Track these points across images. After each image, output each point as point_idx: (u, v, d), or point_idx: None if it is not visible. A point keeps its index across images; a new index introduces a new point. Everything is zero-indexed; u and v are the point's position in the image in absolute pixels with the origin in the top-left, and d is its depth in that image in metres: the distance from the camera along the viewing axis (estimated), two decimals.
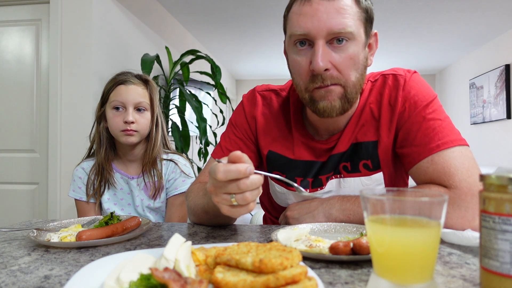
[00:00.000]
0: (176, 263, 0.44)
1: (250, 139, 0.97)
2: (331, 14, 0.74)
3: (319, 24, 0.74)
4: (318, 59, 0.74)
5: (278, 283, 0.39)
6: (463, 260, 0.58)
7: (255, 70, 6.42)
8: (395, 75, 0.87)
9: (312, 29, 0.75)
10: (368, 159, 0.86)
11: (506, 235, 0.40)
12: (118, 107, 1.17)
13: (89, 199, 1.21)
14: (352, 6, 0.76)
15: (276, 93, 0.98)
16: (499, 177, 0.41)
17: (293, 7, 0.79)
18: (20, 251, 0.68)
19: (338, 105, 0.78)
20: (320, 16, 0.74)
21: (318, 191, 0.90)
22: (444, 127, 0.79)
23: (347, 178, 0.88)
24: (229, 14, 3.74)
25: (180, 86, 2.85)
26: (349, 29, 0.75)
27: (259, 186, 0.59)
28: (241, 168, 0.56)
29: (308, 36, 0.76)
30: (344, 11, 0.75)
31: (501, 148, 4.42)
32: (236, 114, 1.00)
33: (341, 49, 0.76)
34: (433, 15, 3.74)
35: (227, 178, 0.57)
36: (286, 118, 0.94)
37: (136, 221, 0.84)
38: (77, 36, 2.34)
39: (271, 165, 0.95)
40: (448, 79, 6.07)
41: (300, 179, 0.91)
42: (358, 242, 0.56)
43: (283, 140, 0.93)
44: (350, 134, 0.87)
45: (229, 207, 0.60)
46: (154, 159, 1.21)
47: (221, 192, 0.59)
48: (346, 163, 0.88)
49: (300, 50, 0.79)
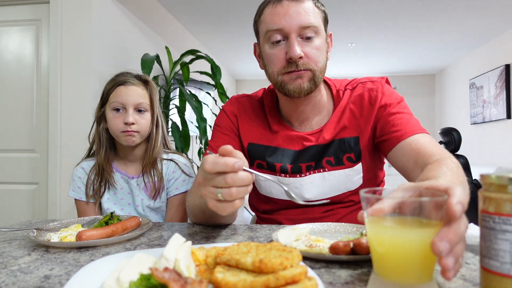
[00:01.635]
0: (176, 263, 0.44)
1: (235, 134, 1.07)
2: (300, 13, 0.89)
3: (291, 21, 0.89)
4: (295, 48, 0.88)
5: (278, 283, 0.39)
6: (463, 260, 0.58)
7: (255, 70, 6.42)
8: (373, 81, 1.03)
9: (286, 25, 0.89)
10: (352, 152, 0.98)
11: (506, 235, 0.40)
12: (118, 108, 1.17)
13: (89, 199, 1.21)
14: (314, 8, 0.92)
15: (251, 97, 1.12)
16: (499, 177, 0.41)
17: (266, 10, 0.93)
18: (20, 251, 0.68)
19: (306, 86, 0.92)
20: (291, 14, 0.89)
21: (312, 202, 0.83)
22: (414, 119, 0.96)
23: (331, 171, 0.99)
24: (229, 14, 3.74)
25: (180, 86, 2.85)
26: (315, 24, 0.90)
27: (247, 183, 0.58)
28: (229, 161, 0.56)
29: (283, 31, 0.90)
30: (309, 11, 0.90)
31: (501, 148, 4.42)
32: (218, 117, 1.12)
33: (310, 42, 0.91)
34: (433, 15, 3.74)
35: (214, 170, 0.56)
36: (262, 114, 1.07)
37: (136, 221, 0.84)
38: (77, 36, 2.34)
39: (252, 156, 1.04)
40: (448, 79, 6.07)
41: (279, 165, 1.00)
42: (358, 242, 0.56)
43: (262, 132, 1.04)
44: (331, 131, 1.00)
45: (215, 201, 0.59)
46: (154, 159, 1.21)
47: (209, 184, 0.59)
48: (330, 157, 0.99)
49: (275, 46, 0.92)
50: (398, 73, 6.56)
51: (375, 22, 3.99)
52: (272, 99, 1.08)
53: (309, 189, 0.99)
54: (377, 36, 4.49)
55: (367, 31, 4.29)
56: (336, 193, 0.99)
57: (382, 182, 1.10)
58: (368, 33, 4.35)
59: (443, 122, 6.28)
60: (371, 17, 3.82)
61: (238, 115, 1.08)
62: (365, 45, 4.88)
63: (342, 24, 4.03)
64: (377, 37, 4.51)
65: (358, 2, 3.43)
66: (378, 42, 4.75)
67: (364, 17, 3.83)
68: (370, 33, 4.35)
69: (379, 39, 4.59)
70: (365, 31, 4.27)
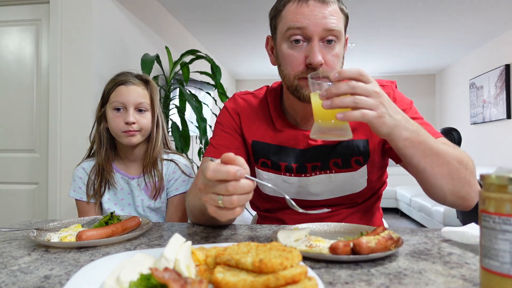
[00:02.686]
0: (176, 263, 0.44)
1: (237, 132, 1.05)
2: (325, 15, 0.86)
3: (316, 23, 0.85)
4: (316, 54, 0.85)
5: (278, 283, 0.39)
6: (463, 260, 0.58)
7: (255, 70, 6.42)
8: (383, 85, 1.00)
9: (310, 25, 0.85)
10: (360, 155, 0.97)
11: (506, 235, 0.40)
12: (118, 108, 1.17)
13: (90, 200, 1.21)
14: (339, 12, 0.90)
15: (254, 95, 1.10)
16: (499, 177, 0.41)
17: (289, 7, 0.89)
18: (20, 251, 0.68)
19: None
20: (316, 15, 0.86)
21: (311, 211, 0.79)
22: (427, 124, 0.94)
23: (338, 173, 0.97)
24: (229, 14, 3.74)
25: (180, 86, 2.85)
26: (338, 28, 0.87)
27: (248, 191, 0.57)
28: (231, 170, 0.55)
29: (305, 31, 0.86)
30: (334, 15, 0.88)
31: (501, 148, 4.42)
32: (220, 115, 1.10)
33: (330, 48, 0.88)
34: (433, 15, 3.74)
35: (215, 178, 0.56)
36: (266, 112, 1.05)
37: (136, 221, 0.84)
38: (77, 36, 2.34)
39: (256, 154, 1.03)
40: (448, 79, 6.07)
41: (284, 164, 0.99)
42: (358, 242, 0.56)
43: (266, 130, 1.02)
44: None
45: (215, 208, 0.59)
46: (154, 159, 1.21)
47: (210, 191, 0.58)
48: (337, 159, 0.97)
49: (295, 46, 0.89)
50: (398, 73, 6.56)
51: (375, 22, 3.99)
52: (276, 97, 1.06)
53: (314, 188, 0.99)
54: (377, 36, 4.49)
55: (367, 31, 4.29)
56: (340, 194, 0.99)
57: (385, 184, 1.09)
58: (368, 33, 4.35)
59: (443, 122, 6.28)
60: (371, 17, 3.82)
61: (240, 113, 1.06)
62: (365, 45, 4.87)
63: None
64: (377, 37, 4.51)
65: (358, 2, 3.43)
66: (378, 42, 4.74)
67: (364, 17, 3.83)
68: (370, 33, 4.35)
69: (379, 39, 4.59)
70: (365, 31, 4.27)
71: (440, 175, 0.79)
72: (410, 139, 0.75)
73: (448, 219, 3.98)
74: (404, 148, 0.76)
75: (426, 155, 0.77)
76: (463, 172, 0.80)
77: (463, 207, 0.85)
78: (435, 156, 0.78)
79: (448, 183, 0.80)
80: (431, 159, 0.78)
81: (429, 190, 0.84)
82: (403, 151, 0.77)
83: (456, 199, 0.82)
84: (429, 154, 0.77)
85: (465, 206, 0.84)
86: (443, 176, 0.79)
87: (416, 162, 0.78)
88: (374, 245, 0.56)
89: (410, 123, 0.76)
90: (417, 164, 0.78)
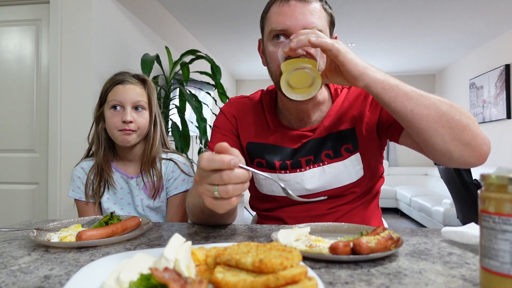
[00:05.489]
0: (176, 263, 0.44)
1: (234, 134, 1.08)
2: (306, 14, 0.88)
3: (296, 22, 0.88)
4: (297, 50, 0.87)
5: (278, 283, 0.39)
6: (463, 260, 0.58)
7: (255, 70, 6.42)
8: None
9: (291, 26, 0.88)
10: (349, 143, 1.00)
11: (506, 235, 0.40)
12: (116, 107, 1.17)
13: (89, 199, 1.21)
14: (321, 10, 0.91)
15: (249, 98, 1.13)
16: (499, 177, 0.41)
17: (272, 8, 0.93)
18: (20, 251, 0.68)
19: None
20: (296, 15, 0.88)
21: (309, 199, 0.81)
22: None
23: (331, 164, 0.99)
24: (229, 14, 3.74)
25: (180, 86, 2.85)
26: (319, 27, 0.88)
27: (243, 180, 0.58)
28: (225, 158, 0.56)
29: (286, 32, 0.89)
30: (315, 12, 0.89)
31: (501, 148, 4.42)
32: (217, 119, 1.12)
33: None
34: (433, 15, 3.74)
35: (209, 167, 0.56)
36: (261, 114, 1.07)
37: (136, 221, 0.84)
38: (77, 36, 2.34)
39: (251, 155, 1.05)
40: (448, 79, 6.07)
41: (279, 163, 1.01)
42: (358, 242, 0.56)
43: (260, 130, 1.05)
44: (327, 125, 1.01)
45: (212, 199, 0.59)
46: (153, 159, 1.21)
47: (205, 182, 0.58)
48: (328, 151, 1.00)
49: (278, 43, 0.91)
50: (398, 73, 6.56)
51: (375, 22, 3.99)
52: (271, 99, 1.09)
53: (310, 182, 1.00)
54: (377, 36, 4.49)
55: (367, 31, 4.29)
56: (337, 185, 0.99)
57: (382, 178, 1.10)
58: (368, 33, 4.35)
59: None
60: (371, 17, 3.82)
61: (236, 116, 1.09)
62: (365, 45, 4.88)
63: (342, 24, 4.03)
64: (377, 37, 4.51)
65: (358, 2, 3.43)
66: (378, 42, 4.75)
67: (364, 17, 3.83)
68: (370, 33, 4.35)
69: (379, 39, 4.59)
70: (365, 31, 4.27)
71: (432, 118, 0.76)
72: (387, 81, 0.77)
73: (448, 219, 3.98)
74: (384, 92, 0.76)
75: (410, 97, 0.76)
76: (458, 115, 0.76)
77: (475, 160, 0.79)
78: (419, 96, 0.77)
79: (444, 126, 0.76)
80: (416, 101, 0.76)
81: (428, 141, 0.79)
82: (384, 96, 0.77)
83: (461, 147, 0.77)
84: (413, 95, 0.76)
85: (477, 157, 0.78)
86: (436, 120, 0.76)
87: (401, 107, 0.77)
88: (374, 245, 0.56)
89: (379, 70, 0.78)
90: (404, 109, 0.76)
